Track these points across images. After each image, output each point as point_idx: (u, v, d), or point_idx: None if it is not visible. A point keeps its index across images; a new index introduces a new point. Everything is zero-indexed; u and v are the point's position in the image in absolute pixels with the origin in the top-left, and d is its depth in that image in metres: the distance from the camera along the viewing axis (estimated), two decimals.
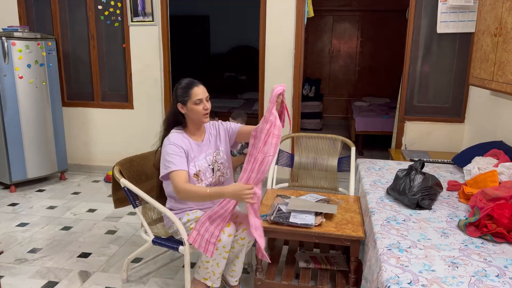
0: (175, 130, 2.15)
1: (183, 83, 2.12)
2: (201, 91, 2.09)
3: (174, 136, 2.12)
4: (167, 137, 2.12)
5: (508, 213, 1.73)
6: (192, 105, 2.07)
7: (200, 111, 2.08)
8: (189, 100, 2.07)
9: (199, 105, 2.07)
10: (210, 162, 2.20)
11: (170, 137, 2.11)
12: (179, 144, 2.09)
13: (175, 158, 2.04)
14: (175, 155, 2.05)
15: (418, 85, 3.85)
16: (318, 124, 6.75)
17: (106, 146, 4.56)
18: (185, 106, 2.09)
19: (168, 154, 2.05)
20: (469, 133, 3.69)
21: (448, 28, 3.60)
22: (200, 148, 2.17)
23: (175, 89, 2.12)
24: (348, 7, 7.25)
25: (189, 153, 2.11)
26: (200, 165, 2.15)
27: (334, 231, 2.06)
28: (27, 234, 3.13)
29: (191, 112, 2.09)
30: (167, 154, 2.06)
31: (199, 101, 2.07)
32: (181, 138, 2.12)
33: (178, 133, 2.14)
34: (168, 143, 2.08)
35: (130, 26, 4.20)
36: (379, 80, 7.40)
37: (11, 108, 3.83)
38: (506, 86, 2.39)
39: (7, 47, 3.72)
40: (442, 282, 1.41)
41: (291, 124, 2.04)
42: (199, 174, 2.14)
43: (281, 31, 3.94)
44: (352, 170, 2.81)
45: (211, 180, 2.20)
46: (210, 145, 2.23)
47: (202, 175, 2.16)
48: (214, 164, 2.22)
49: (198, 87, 2.09)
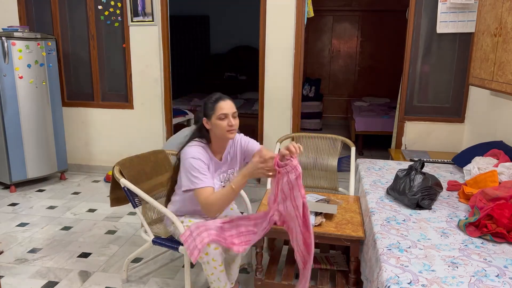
0: (198, 143, 2.05)
1: (212, 97, 2.01)
2: (227, 106, 1.97)
3: (198, 150, 2.01)
4: (189, 149, 2.00)
5: (508, 213, 1.73)
6: (216, 120, 1.96)
7: (224, 127, 1.96)
8: (214, 114, 1.96)
9: (224, 120, 1.96)
10: (223, 180, 2.15)
11: (193, 151, 2.00)
12: (203, 159, 2.00)
13: (200, 174, 1.96)
14: (201, 171, 1.96)
15: (418, 85, 3.85)
16: (318, 124, 6.75)
17: (106, 146, 4.56)
18: (209, 121, 1.99)
19: (194, 168, 1.96)
20: (469, 133, 3.69)
21: (448, 28, 3.60)
22: (218, 166, 2.12)
23: (203, 104, 2.04)
24: (348, 7, 7.26)
25: (209, 168, 2.05)
26: (214, 182, 2.08)
27: (334, 231, 2.06)
28: (27, 234, 3.13)
29: (215, 127, 1.98)
30: (193, 168, 1.96)
31: (224, 116, 1.95)
32: (203, 153, 2.02)
33: (200, 146, 2.04)
34: (191, 157, 1.97)
35: (130, 26, 4.20)
36: (379, 80, 7.40)
37: (11, 108, 3.83)
38: (506, 86, 2.39)
39: (7, 47, 3.72)
40: (442, 282, 1.41)
41: None
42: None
43: (281, 31, 3.94)
44: (352, 170, 2.81)
45: None
46: (226, 164, 2.16)
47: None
48: (226, 182, 2.16)
49: (225, 102, 1.98)
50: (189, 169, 1.96)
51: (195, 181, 1.94)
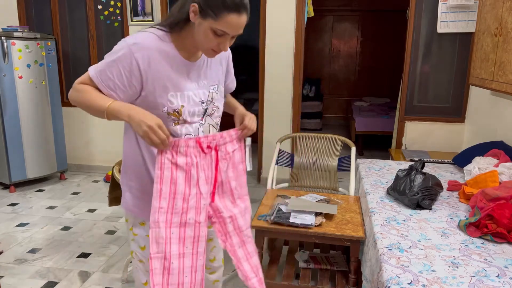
0: (155, 30, 1.33)
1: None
2: (237, 24, 1.23)
3: (144, 36, 1.29)
4: (134, 35, 1.32)
5: (509, 213, 1.72)
6: (208, 28, 1.24)
7: (210, 44, 1.27)
8: (212, 19, 1.22)
9: (218, 37, 1.25)
10: (204, 99, 1.40)
11: (136, 36, 1.30)
12: (142, 55, 1.26)
13: (113, 73, 1.26)
14: (115, 73, 1.26)
15: (418, 85, 3.84)
16: (318, 124, 6.75)
17: (106, 146, 4.56)
18: (200, 17, 1.24)
19: (112, 58, 1.27)
20: (469, 133, 3.69)
21: (448, 28, 3.60)
22: (190, 72, 1.36)
23: None
24: (348, 7, 7.25)
25: (168, 76, 1.30)
26: (187, 97, 1.35)
27: (334, 231, 2.05)
28: (26, 234, 3.13)
29: (198, 32, 1.26)
30: (109, 53, 1.30)
31: (222, 33, 1.25)
32: (154, 45, 1.29)
33: (155, 35, 1.31)
34: (126, 44, 1.27)
35: (130, 26, 4.19)
36: (379, 80, 7.40)
37: (10, 108, 3.82)
38: (507, 86, 2.39)
39: (6, 47, 3.72)
40: (442, 282, 1.41)
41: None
42: (181, 111, 1.34)
43: (281, 31, 3.94)
44: (352, 170, 2.81)
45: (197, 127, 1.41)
46: (207, 72, 1.42)
47: (187, 115, 1.36)
48: (209, 104, 1.42)
49: (240, 17, 1.22)
50: (108, 55, 1.30)
51: (98, 68, 1.29)
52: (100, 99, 1.27)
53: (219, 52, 1.31)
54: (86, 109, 1.31)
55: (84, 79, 1.31)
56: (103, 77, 1.27)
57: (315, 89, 7.21)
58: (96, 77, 1.28)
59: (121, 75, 1.26)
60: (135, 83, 1.28)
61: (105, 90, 1.28)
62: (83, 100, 1.29)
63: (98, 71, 1.28)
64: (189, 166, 1.31)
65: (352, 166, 2.83)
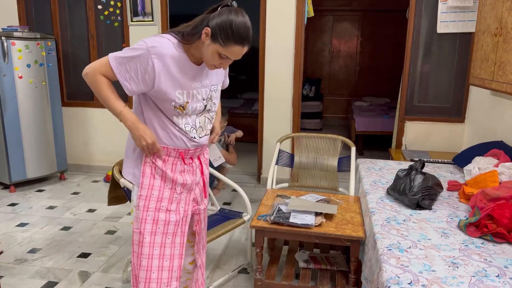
0: (170, 36, 1.55)
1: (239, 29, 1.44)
2: (238, 53, 1.50)
3: (162, 42, 1.50)
4: (154, 37, 1.53)
5: (509, 213, 1.72)
6: (214, 50, 1.48)
7: (213, 61, 1.52)
8: (220, 44, 1.46)
9: (220, 59, 1.51)
10: (205, 96, 1.65)
11: (155, 40, 1.50)
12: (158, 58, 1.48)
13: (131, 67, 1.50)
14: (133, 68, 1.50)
15: (418, 85, 3.84)
16: (318, 124, 6.75)
17: (106, 146, 4.56)
18: (210, 39, 1.47)
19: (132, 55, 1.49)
20: (469, 133, 3.69)
21: (448, 28, 3.60)
22: (195, 73, 1.60)
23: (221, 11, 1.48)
24: (348, 7, 7.26)
25: (177, 77, 1.54)
26: (192, 95, 1.60)
27: (334, 231, 2.05)
28: (26, 234, 3.13)
29: (206, 50, 1.50)
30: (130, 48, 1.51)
31: (226, 57, 1.50)
32: (169, 51, 1.51)
33: (169, 40, 1.53)
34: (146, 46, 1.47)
35: (130, 26, 4.19)
36: (379, 80, 7.40)
37: (10, 108, 3.82)
38: (507, 86, 2.39)
39: (6, 47, 3.72)
40: (442, 282, 1.41)
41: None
42: (185, 106, 1.58)
43: (281, 31, 3.94)
44: (352, 170, 2.81)
45: (195, 119, 1.65)
46: (207, 74, 1.65)
47: (190, 109, 1.60)
48: (208, 101, 1.67)
49: (242, 48, 1.48)
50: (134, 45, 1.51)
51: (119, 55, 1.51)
52: (115, 101, 1.57)
53: (219, 68, 1.57)
54: (99, 98, 1.58)
55: (103, 66, 1.53)
56: (121, 69, 1.51)
57: (315, 89, 7.21)
58: (116, 67, 1.51)
59: (137, 71, 1.50)
60: (148, 79, 1.51)
61: (121, 79, 1.52)
62: (101, 94, 1.56)
63: (118, 63, 1.51)
64: (166, 167, 1.64)
65: (352, 166, 2.83)
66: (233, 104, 6.71)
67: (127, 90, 1.54)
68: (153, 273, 1.63)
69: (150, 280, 1.63)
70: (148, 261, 1.62)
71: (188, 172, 1.70)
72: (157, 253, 1.63)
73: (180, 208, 1.69)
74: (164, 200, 1.64)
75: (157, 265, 1.63)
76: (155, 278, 1.63)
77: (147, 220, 1.61)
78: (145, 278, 1.62)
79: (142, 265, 1.62)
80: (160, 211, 1.63)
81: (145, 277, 1.63)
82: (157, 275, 1.64)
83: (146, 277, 1.63)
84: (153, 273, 1.63)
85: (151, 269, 1.63)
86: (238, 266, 2.65)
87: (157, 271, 1.64)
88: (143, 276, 1.63)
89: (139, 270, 1.63)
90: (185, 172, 1.69)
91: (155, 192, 1.63)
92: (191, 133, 1.64)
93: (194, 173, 1.73)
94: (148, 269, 1.62)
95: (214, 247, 2.90)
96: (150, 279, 1.63)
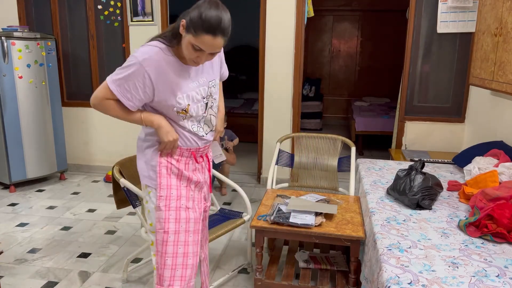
0: (157, 43, 1.56)
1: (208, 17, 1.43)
2: (211, 44, 1.46)
3: (150, 51, 1.52)
4: (142, 48, 1.55)
5: (509, 213, 1.72)
6: (189, 42, 1.47)
7: (190, 56, 1.51)
8: (193, 35, 1.45)
9: (196, 51, 1.49)
10: (204, 94, 1.67)
11: (144, 51, 1.52)
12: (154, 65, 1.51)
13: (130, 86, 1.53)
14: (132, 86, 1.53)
15: (418, 85, 3.84)
16: (318, 124, 6.75)
17: (106, 146, 4.56)
18: (185, 33, 1.48)
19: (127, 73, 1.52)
20: (469, 133, 3.69)
21: (448, 28, 3.60)
22: (190, 73, 1.62)
23: (197, 5, 1.47)
24: (348, 7, 7.25)
25: (174, 82, 1.57)
26: (192, 97, 1.62)
27: (334, 231, 2.05)
28: (26, 234, 3.13)
29: (183, 44, 1.51)
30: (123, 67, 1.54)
31: (199, 49, 1.48)
32: (160, 58, 1.52)
33: (158, 48, 1.54)
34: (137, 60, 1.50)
35: (130, 26, 4.19)
36: (379, 80, 7.40)
37: (10, 108, 3.82)
38: (507, 86, 2.39)
39: (6, 47, 3.72)
40: (442, 282, 1.41)
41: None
42: (188, 109, 1.61)
43: (281, 31, 3.94)
44: (352, 170, 2.81)
45: (200, 118, 1.69)
46: (204, 69, 1.67)
47: (192, 110, 1.63)
48: (208, 98, 1.69)
49: (215, 39, 1.45)
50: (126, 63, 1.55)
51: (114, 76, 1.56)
52: (131, 115, 1.61)
53: (198, 64, 1.56)
54: (116, 117, 1.64)
55: (105, 92, 1.58)
56: (121, 90, 1.55)
57: (315, 89, 7.21)
58: (117, 91, 1.55)
59: (136, 87, 1.53)
60: (148, 91, 1.55)
61: (123, 100, 1.56)
62: (115, 115, 1.62)
63: (117, 85, 1.55)
64: (182, 165, 1.68)
65: (352, 166, 2.83)
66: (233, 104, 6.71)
67: (131, 107, 1.59)
68: (177, 271, 1.67)
69: (174, 278, 1.67)
70: (172, 259, 1.66)
71: (199, 171, 1.76)
72: (181, 251, 1.67)
73: (195, 205, 1.74)
74: (182, 198, 1.68)
75: (181, 263, 1.67)
76: (179, 276, 1.67)
77: (170, 220, 1.65)
78: (170, 277, 1.66)
79: (167, 264, 1.65)
80: (181, 210, 1.67)
81: (170, 275, 1.66)
82: (181, 273, 1.67)
83: (170, 276, 1.66)
84: (177, 271, 1.67)
85: (175, 267, 1.66)
86: (238, 266, 2.65)
87: (181, 269, 1.67)
88: (168, 274, 1.66)
89: (163, 269, 1.66)
90: (196, 171, 1.75)
91: (173, 191, 1.67)
92: (200, 132, 1.69)
93: (203, 171, 1.80)
94: (172, 268, 1.66)
95: (214, 247, 2.90)
96: (175, 277, 1.67)
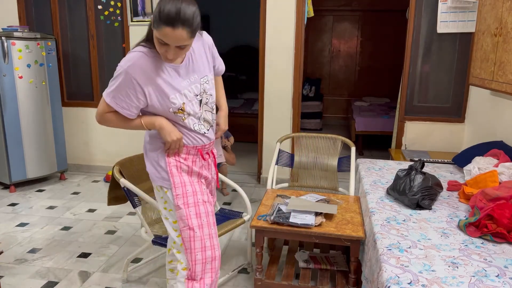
0: (142, 48, 1.59)
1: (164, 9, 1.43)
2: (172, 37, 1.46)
3: (134, 57, 1.56)
4: (128, 54, 1.59)
5: (509, 213, 1.72)
6: (155, 37, 1.51)
7: (160, 50, 1.54)
8: (155, 29, 1.48)
9: (162, 46, 1.51)
10: (197, 92, 1.69)
11: (128, 59, 1.56)
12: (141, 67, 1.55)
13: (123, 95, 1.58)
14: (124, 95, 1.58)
15: (418, 85, 3.84)
16: (318, 124, 6.75)
17: (106, 146, 4.56)
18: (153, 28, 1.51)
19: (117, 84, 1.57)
20: (469, 133, 3.69)
21: (448, 28, 3.60)
22: (180, 72, 1.65)
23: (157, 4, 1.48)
24: (348, 7, 7.25)
25: (164, 83, 1.60)
26: (185, 95, 1.65)
27: (334, 231, 2.06)
28: (26, 234, 3.13)
29: (154, 42, 1.54)
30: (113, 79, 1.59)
31: (164, 42, 1.49)
32: (144, 61, 1.56)
33: (143, 52, 1.57)
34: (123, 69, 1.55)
35: (130, 26, 4.19)
36: (379, 80, 7.40)
37: (11, 108, 3.82)
38: (506, 86, 2.39)
39: (7, 47, 3.72)
40: (442, 282, 1.41)
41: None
42: (184, 107, 1.65)
43: (281, 31, 3.94)
44: (352, 170, 2.81)
45: (199, 116, 1.72)
46: (194, 67, 1.69)
47: (189, 108, 1.66)
48: (203, 94, 1.71)
49: (174, 30, 1.44)
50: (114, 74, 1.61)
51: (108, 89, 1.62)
52: (131, 122, 1.66)
53: (170, 59, 1.55)
54: (121, 128, 1.71)
55: (104, 107, 1.64)
56: (117, 101, 1.60)
57: (315, 89, 7.21)
58: (112, 103, 1.61)
59: (129, 95, 1.58)
60: (141, 96, 1.60)
61: (120, 110, 1.61)
62: (118, 125, 1.68)
63: (111, 98, 1.60)
64: (190, 163, 1.72)
65: (352, 166, 2.83)
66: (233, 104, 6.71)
67: (130, 116, 1.64)
68: (207, 264, 1.72)
69: (205, 271, 1.72)
70: (202, 253, 1.70)
71: (205, 167, 1.81)
72: (209, 244, 1.71)
73: (210, 199, 1.79)
74: (198, 193, 1.72)
75: (210, 256, 1.72)
76: (209, 269, 1.72)
77: (191, 216, 1.68)
78: (201, 271, 1.71)
79: (197, 259, 1.70)
80: (199, 204, 1.71)
81: (201, 269, 1.71)
82: (210, 265, 1.73)
83: (202, 270, 1.71)
84: (207, 264, 1.72)
85: (206, 261, 1.71)
86: (238, 266, 2.65)
87: (210, 262, 1.72)
88: (199, 269, 1.71)
89: (195, 265, 1.70)
90: (203, 168, 1.79)
91: (188, 188, 1.70)
92: (201, 129, 1.73)
93: (209, 168, 1.84)
94: (203, 261, 1.71)
95: None
96: (205, 270, 1.72)
